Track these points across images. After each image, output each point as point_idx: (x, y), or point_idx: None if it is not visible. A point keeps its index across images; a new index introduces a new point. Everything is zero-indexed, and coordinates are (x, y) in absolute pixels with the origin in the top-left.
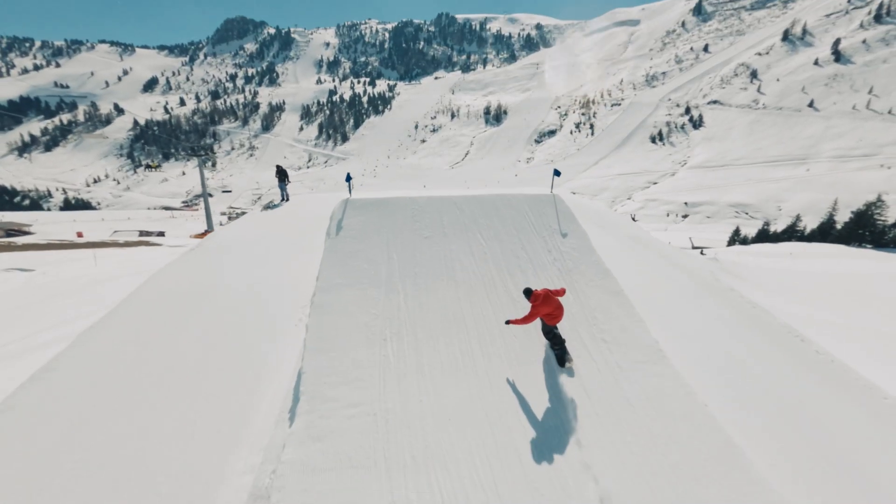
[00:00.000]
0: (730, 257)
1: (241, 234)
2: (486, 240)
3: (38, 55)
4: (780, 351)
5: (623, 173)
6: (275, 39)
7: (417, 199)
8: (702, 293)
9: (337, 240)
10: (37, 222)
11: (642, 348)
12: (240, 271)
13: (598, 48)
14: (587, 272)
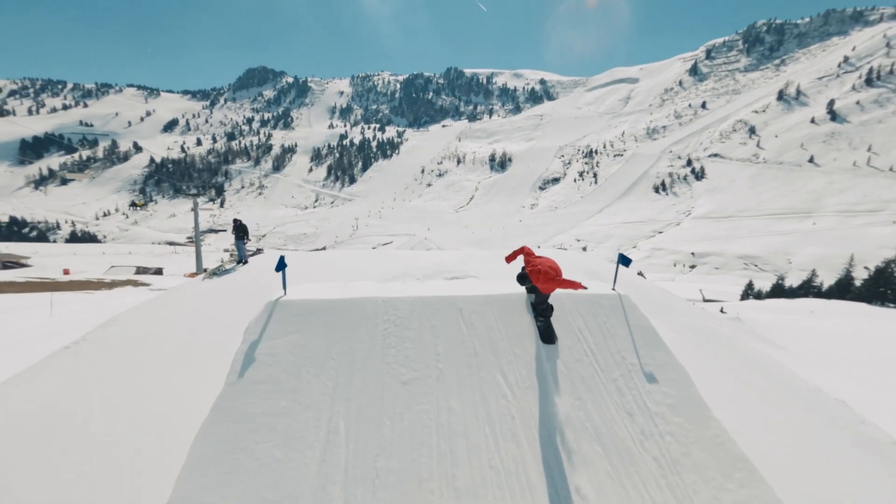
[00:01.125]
0: (749, 314)
1: (144, 324)
2: (516, 386)
3: (69, 96)
4: None
5: (627, 221)
6: (292, 87)
7: (396, 300)
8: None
9: (238, 391)
10: (36, 254)
11: None
12: (97, 397)
13: (600, 102)
14: (706, 464)
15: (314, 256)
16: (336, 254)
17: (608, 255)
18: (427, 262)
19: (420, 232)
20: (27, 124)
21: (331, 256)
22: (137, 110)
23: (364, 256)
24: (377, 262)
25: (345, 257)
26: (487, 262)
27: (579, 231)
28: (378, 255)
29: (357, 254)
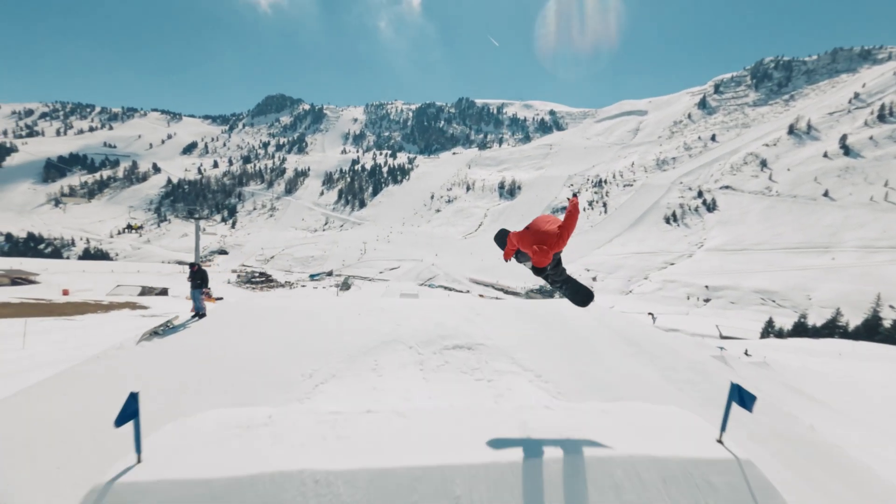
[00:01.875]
0: (772, 355)
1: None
2: None
3: (96, 119)
4: None
5: (638, 252)
6: (308, 114)
7: (341, 478)
8: None
9: None
10: (46, 271)
11: None
12: None
13: (609, 133)
14: None
15: (271, 312)
16: (308, 305)
17: (620, 286)
18: (423, 321)
19: (428, 257)
20: (53, 145)
21: (299, 310)
22: (159, 133)
23: (344, 311)
24: (359, 320)
25: (318, 311)
26: (499, 320)
27: (589, 260)
28: (363, 306)
29: (337, 305)
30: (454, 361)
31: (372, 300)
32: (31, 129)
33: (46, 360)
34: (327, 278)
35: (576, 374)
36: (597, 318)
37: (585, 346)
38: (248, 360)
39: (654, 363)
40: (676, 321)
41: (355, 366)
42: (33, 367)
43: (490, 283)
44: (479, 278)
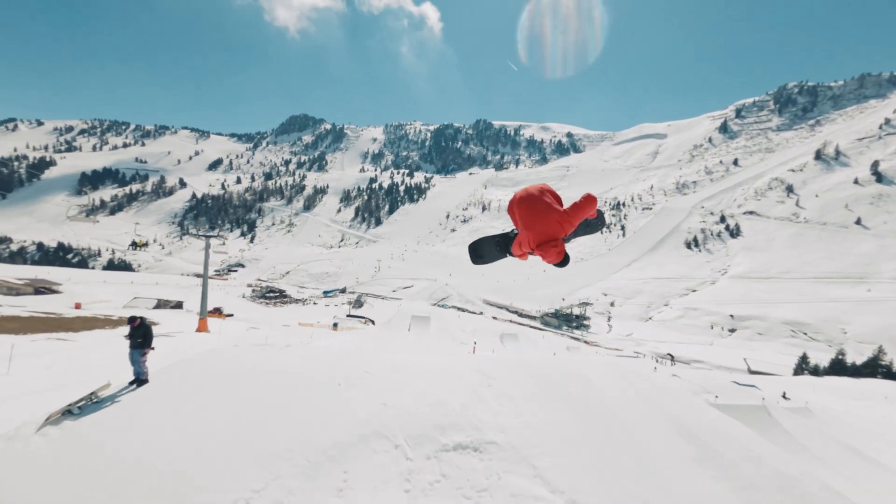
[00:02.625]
0: (810, 396)
1: None
2: None
3: (130, 136)
4: None
5: (658, 277)
6: (329, 133)
7: None
8: None
9: None
10: (69, 281)
11: None
12: None
13: (627, 156)
14: None
15: (230, 379)
16: (285, 363)
17: (639, 312)
18: (418, 397)
19: (441, 277)
20: (89, 159)
21: (270, 373)
22: (188, 150)
23: (326, 373)
24: (337, 394)
25: (294, 375)
26: (516, 393)
27: (606, 285)
28: (349, 370)
29: (320, 363)
30: (454, 475)
31: (363, 357)
32: (70, 144)
33: (29, 389)
34: (340, 295)
35: (623, 497)
36: (640, 394)
37: (631, 444)
38: (166, 475)
39: (726, 475)
40: (700, 352)
41: (316, 481)
42: (11, 398)
43: (504, 304)
44: (493, 300)
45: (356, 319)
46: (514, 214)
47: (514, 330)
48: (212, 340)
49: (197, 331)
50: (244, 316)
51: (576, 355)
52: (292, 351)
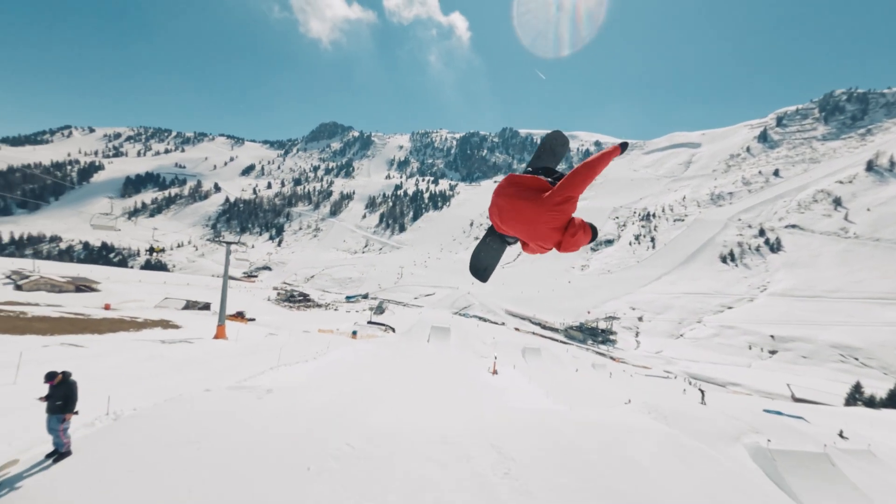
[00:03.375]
0: (869, 433)
1: None
2: None
3: (172, 142)
4: None
5: (690, 292)
6: (357, 140)
7: None
8: None
9: None
10: (108, 279)
11: None
12: None
13: (659, 165)
14: None
15: (178, 449)
16: (262, 423)
17: (669, 329)
18: (409, 499)
19: (463, 286)
20: (133, 164)
21: (221, 454)
22: (223, 156)
23: (293, 456)
24: (303, 484)
25: (253, 451)
26: (542, 484)
27: (635, 298)
28: (321, 453)
29: (290, 438)
30: None
31: (351, 413)
32: (118, 150)
33: (30, 401)
34: (362, 301)
35: None
36: (705, 485)
37: None
38: None
39: None
40: (737, 374)
41: None
42: (11, 410)
43: (527, 315)
44: (516, 310)
45: (376, 327)
46: (508, 230)
47: (536, 343)
48: (226, 348)
49: (215, 337)
50: (267, 319)
51: (604, 376)
52: (269, 402)
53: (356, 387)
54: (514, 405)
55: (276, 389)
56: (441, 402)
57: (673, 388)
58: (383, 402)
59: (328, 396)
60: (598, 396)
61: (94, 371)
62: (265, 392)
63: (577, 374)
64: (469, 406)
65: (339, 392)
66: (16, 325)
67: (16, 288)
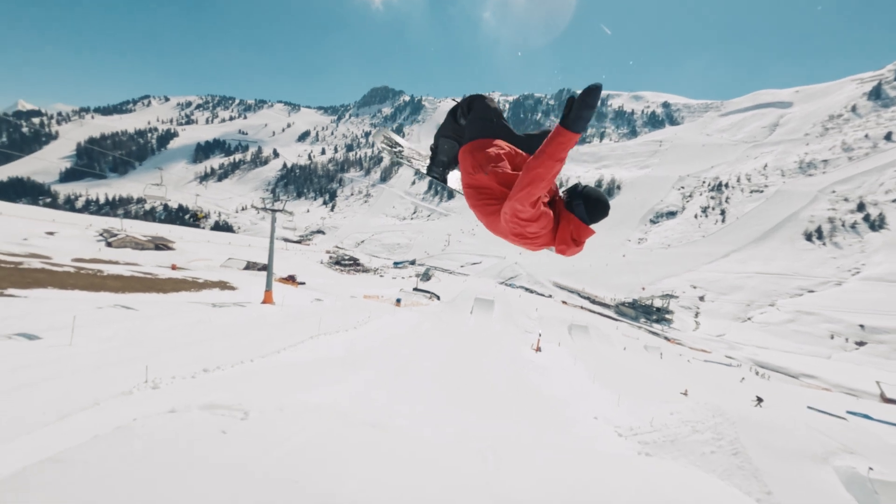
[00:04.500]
0: None
1: None
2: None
3: (235, 109)
4: None
5: (763, 272)
6: (408, 105)
7: None
8: None
9: None
10: (181, 239)
11: None
12: None
13: (737, 129)
14: None
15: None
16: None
17: (735, 311)
18: None
19: (511, 255)
20: (202, 131)
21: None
22: (281, 122)
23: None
24: None
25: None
26: None
27: (696, 276)
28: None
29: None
30: None
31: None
32: (189, 117)
33: (85, 364)
34: (409, 267)
35: None
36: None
37: None
38: None
39: None
40: (813, 365)
41: None
42: (66, 373)
43: (576, 289)
44: (564, 283)
45: (422, 294)
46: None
47: (584, 320)
48: (272, 312)
49: (262, 302)
50: (318, 283)
51: (655, 358)
52: (240, 435)
53: (372, 389)
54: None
55: (255, 413)
56: (480, 413)
57: (733, 377)
58: (401, 418)
59: (315, 427)
60: (649, 382)
61: (141, 335)
62: (241, 418)
63: (628, 356)
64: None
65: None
66: (92, 283)
67: (107, 245)
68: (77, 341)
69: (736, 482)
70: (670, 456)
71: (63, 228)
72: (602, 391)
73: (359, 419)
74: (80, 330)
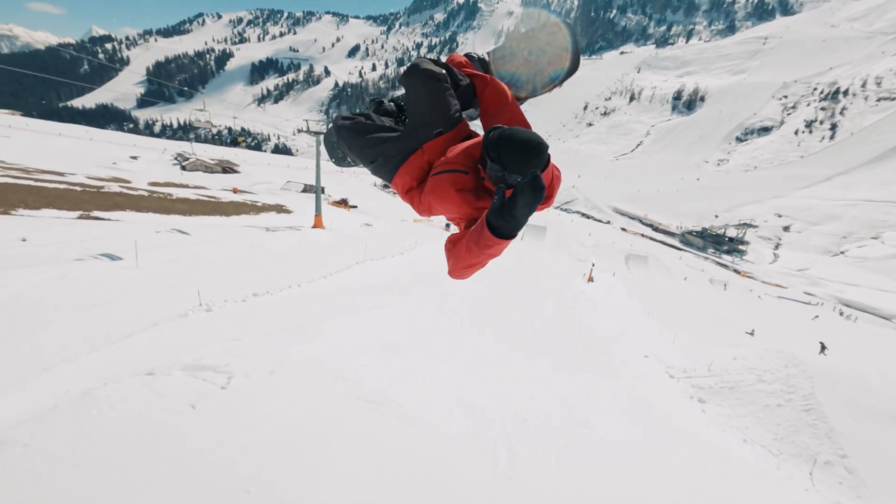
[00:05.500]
0: None
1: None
2: None
3: (284, 24)
4: None
5: (871, 199)
6: (462, 9)
7: None
8: None
9: None
10: (245, 163)
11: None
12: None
13: (875, 16)
14: None
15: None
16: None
17: (825, 244)
18: None
19: (569, 178)
20: (256, 50)
21: None
22: (330, 37)
23: None
24: None
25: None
26: None
27: (784, 203)
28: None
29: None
30: None
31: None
32: (241, 35)
33: (154, 286)
34: None
35: None
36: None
37: None
38: None
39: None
40: None
41: None
42: (138, 294)
43: (638, 215)
44: (625, 209)
45: None
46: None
47: (643, 250)
48: (320, 239)
49: (313, 227)
50: (370, 205)
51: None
52: (212, 406)
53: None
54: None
55: (239, 379)
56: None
57: (809, 317)
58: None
59: (301, 405)
60: (712, 321)
61: (201, 258)
62: (221, 388)
63: (689, 291)
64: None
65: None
66: (163, 206)
67: (182, 168)
68: (143, 264)
69: (802, 440)
70: (727, 404)
71: (144, 153)
72: (656, 328)
73: (357, 394)
74: (147, 252)
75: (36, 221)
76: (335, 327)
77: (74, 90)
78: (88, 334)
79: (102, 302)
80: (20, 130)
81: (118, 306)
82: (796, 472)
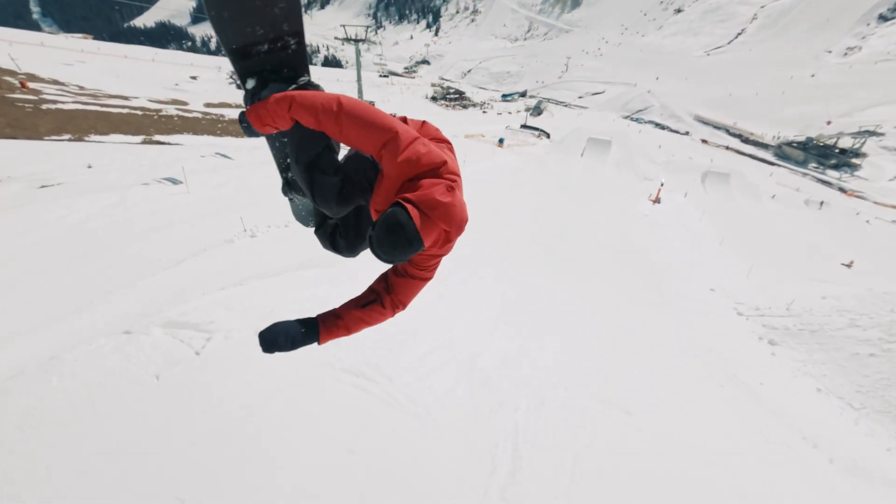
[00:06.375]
0: None
1: None
2: None
3: None
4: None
5: None
6: None
7: None
8: None
9: None
10: None
11: None
12: None
13: None
14: None
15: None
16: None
17: None
18: None
19: (644, 81)
20: None
21: None
22: None
23: None
24: None
25: None
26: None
27: None
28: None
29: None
30: None
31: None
32: None
33: (194, 212)
34: (520, 100)
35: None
36: None
37: None
38: None
39: None
40: None
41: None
42: (193, 218)
43: (725, 124)
44: (710, 117)
45: (529, 132)
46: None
47: (725, 165)
48: None
49: None
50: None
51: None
52: (166, 401)
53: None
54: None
55: (218, 340)
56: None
57: None
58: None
59: (280, 379)
60: (801, 250)
61: (248, 183)
62: (195, 351)
63: (778, 214)
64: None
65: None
66: (216, 128)
67: (237, 87)
68: (194, 188)
69: (894, 396)
70: (804, 349)
71: (202, 72)
72: (730, 257)
73: (341, 367)
74: (197, 177)
75: (103, 148)
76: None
77: (134, 10)
78: (144, 260)
79: (159, 226)
80: (92, 55)
81: (171, 231)
82: (878, 430)
